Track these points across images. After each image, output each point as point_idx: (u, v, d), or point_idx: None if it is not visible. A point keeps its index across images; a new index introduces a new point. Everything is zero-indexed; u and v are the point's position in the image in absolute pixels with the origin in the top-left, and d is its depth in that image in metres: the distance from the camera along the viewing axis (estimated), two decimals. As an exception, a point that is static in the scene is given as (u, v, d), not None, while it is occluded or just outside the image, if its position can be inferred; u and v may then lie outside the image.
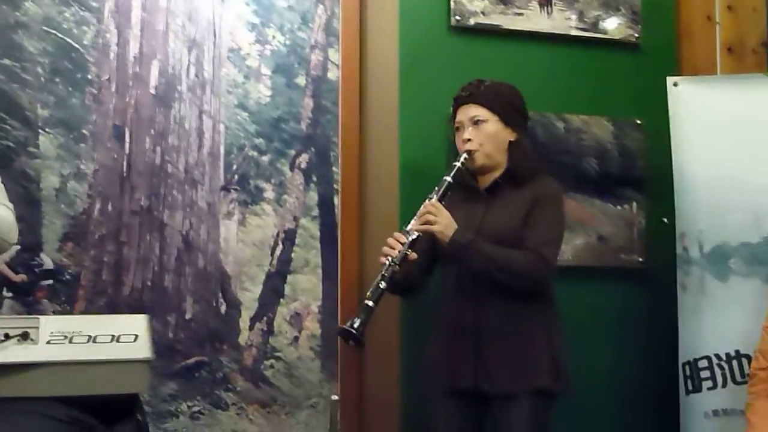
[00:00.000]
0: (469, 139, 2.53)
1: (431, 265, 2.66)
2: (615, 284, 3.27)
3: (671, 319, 3.04)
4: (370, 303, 2.33)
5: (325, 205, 3.11)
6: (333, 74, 3.14)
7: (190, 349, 2.93)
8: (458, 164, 2.51)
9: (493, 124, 2.54)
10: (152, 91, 2.95)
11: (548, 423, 2.49)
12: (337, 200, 3.12)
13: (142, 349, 1.93)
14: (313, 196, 3.11)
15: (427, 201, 2.46)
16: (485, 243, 2.42)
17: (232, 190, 3.00)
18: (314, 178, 3.12)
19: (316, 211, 3.11)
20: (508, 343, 2.46)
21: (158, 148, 2.94)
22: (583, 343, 2.92)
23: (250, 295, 3.00)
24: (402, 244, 2.40)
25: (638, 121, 3.38)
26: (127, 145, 2.91)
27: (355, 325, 2.29)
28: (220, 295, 2.97)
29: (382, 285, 2.36)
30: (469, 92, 2.57)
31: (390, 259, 2.39)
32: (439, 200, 2.45)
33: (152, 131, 2.94)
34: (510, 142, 2.57)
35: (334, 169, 3.13)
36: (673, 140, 3.11)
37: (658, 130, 3.25)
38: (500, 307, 2.47)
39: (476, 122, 2.54)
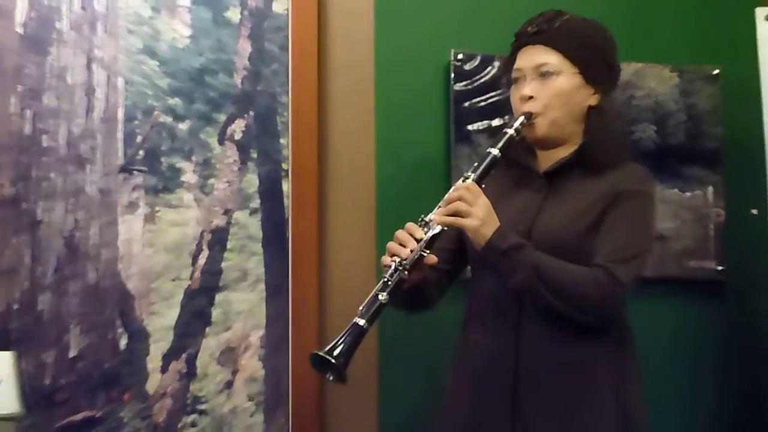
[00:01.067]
0: (530, 97, 2.39)
1: (455, 270, 2.59)
2: (682, 301, 3.22)
3: (761, 347, 3.10)
4: (362, 322, 2.18)
5: (270, 192, 2.97)
6: (280, 5, 2.99)
7: (77, 399, 2.72)
8: (510, 131, 2.36)
9: (568, 79, 2.40)
10: (18, 29, 2.72)
11: None
12: (286, 185, 2.96)
13: (7, 401, 1.98)
14: (253, 180, 2.95)
15: (460, 181, 2.32)
16: (537, 251, 2.28)
17: (135, 172, 2.82)
18: (254, 155, 2.96)
19: (256, 201, 2.94)
20: (561, 396, 2.32)
21: (27, 113, 2.70)
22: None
23: (162, 322, 2.81)
24: (417, 240, 2.28)
25: (714, 71, 3.31)
26: None
27: (336, 352, 2.14)
28: (118, 322, 2.77)
29: (382, 297, 2.21)
30: (537, 28, 2.44)
31: (398, 261, 2.25)
32: (478, 182, 2.32)
33: (19, 88, 2.72)
34: (590, 107, 2.43)
35: (281, 141, 2.96)
36: (764, 96, 3.04)
37: (742, 83, 3.21)
38: (552, 342, 2.33)
39: (543, 74, 2.41)
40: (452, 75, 3.04)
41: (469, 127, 3.03)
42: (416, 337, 2.90)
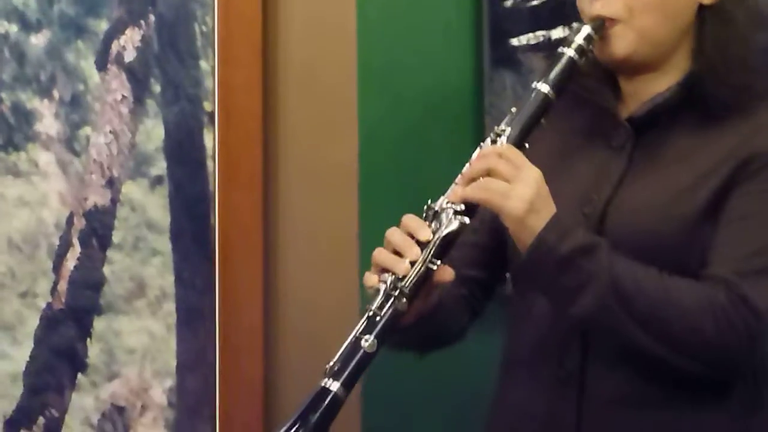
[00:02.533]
0: None
1: (492, 278, 2.29)
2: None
3: None
4: (336, 386, 1.83)
5: (183, 150, 2.62)
6: None
7: None
8: (570, 52, 2.04)
9: None
10: None
11: None
12: (210, 139, 2.61)
13: None
14: (155, 130, 2.60)
15: (488, 141, 2.02)
16: (617, 256, 1.97)
17: None
18: (156, 88, 2.61)
19: (160, 166, 2.60)
20: None
21: None
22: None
23: (2, 367, 2.54)
24: (422, 244, 1.93)
25: None
26: None
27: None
28: None
29: (367, 344, 1.87)
30: None
31: (390, 282, 1.90)
32: (519, 143, 2.01)
33: None
34: (701, 7, 2.10)
35: (202, 64, 2.59)
36: None
37: None
38: (633, 408, 2.05)
39: None
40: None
41: (514, 41, 2.61)
42: (412, 387, 2.59)
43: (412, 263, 1.89)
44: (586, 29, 2.01)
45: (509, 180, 1.91)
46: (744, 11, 2.09)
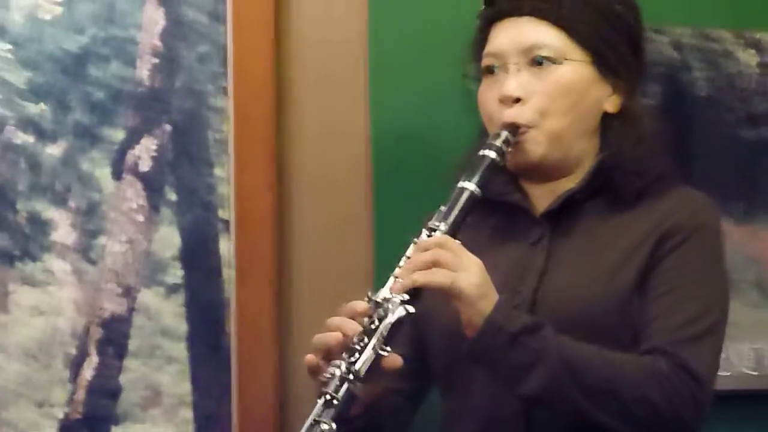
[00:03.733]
0: (517, 99, 2.16)
1: (419, 392, 2.35)
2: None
3: None
4: None
5: (199, 257, 2.63)
6: None
7: None
8: (491, 154, 2.14)
9: (574, 70, 2.20)
10: None
11: None
12: (225, 245, 2.63)
13: None
14: (170, 238, 2.60)
15: (423, 236, 2.08)
16: (560, 335, 2.04)
17: None
18: (171, 196, 2.62)
19: (176, 273, 2.59)
20: None
21: None
22: None
23: None
24: (368, 331, 1.98)
25: None
26: None
27: None
28: None
29: (326, 427, 1.92)
30: None
31: (345, 366, 1.97)
32: (452, 235, 2.07)
33: None
34: (607, 115, 2.25)
35: (217, 172, 2.63)
36: None
37: None
38: None
39: (538, 61, 2.20)
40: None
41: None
42: None
43: (362, 346, 1.95)
44: (504, 134, 2.10)
45: (454, 269, 1.97)
46: (645, 110, 2.27)
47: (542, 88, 2.16)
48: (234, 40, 2.65)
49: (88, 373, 2.50)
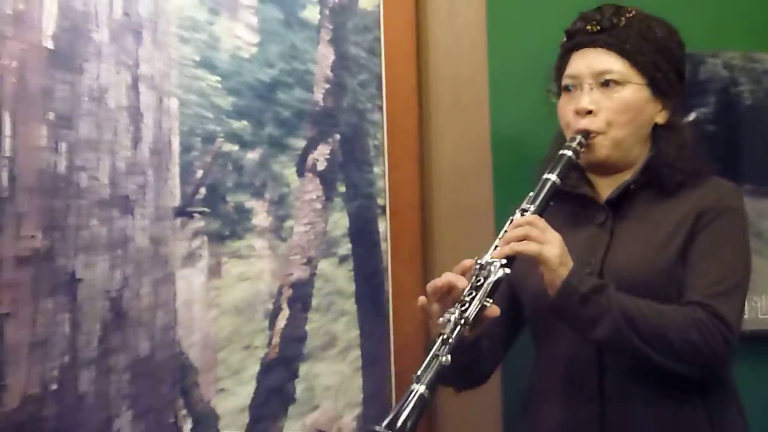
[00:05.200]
0: (589, 111, 2.41)
1: (510, 336, 2.62)
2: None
3: None
4: (421, 389, 2.09)
5: (363, 234, 2.98)
6: (369, 1, 3.00)
7: None
8: (569, 153, 2.40)
9: (634, 91, 2.43)
10: (46, 43, 2.51)
11: None
12: (383, 225, 2.99)
13: None
14: (341, 220, 2.95)
15: (517, 215, 2.34)
16: (621, 293, 2.29)
17: (194, 216, 2.74)
18: (341, 188, 2.96)
19: (346, 247, 2.94)
20: None
21: (62, 145, 2.51)
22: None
23: (234, 402, 2.74)
24: (475, 287, 2.23)
25: None
26: (5, 141, 2.47)
27: (398, 425, 2.05)
28: (180, 403, 2.67)
29: (444, 359, 2.14)
30: (599, 26, 2.48)
31: (457, 314, 2.19)
32: (540, 215, 2.34)
33: (50, 115, 2.51)
34: (657, 126, 2.50)
35: (375, 170, 2.98)
36: None
37: None
38: (645, 408, 2.35)
39: (606, 83, 2.44)
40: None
41: None
42: None
43: (471, 300, 2.21)
44: (579, 138, 2.42)
45: (541, 241, 2.26)
46: (685, 128, 2.55)
47: (609, 104, 2.43)
48: (386, 69, 2.97)
49: (281, 323, 2.81)
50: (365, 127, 2.98)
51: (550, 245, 2.27)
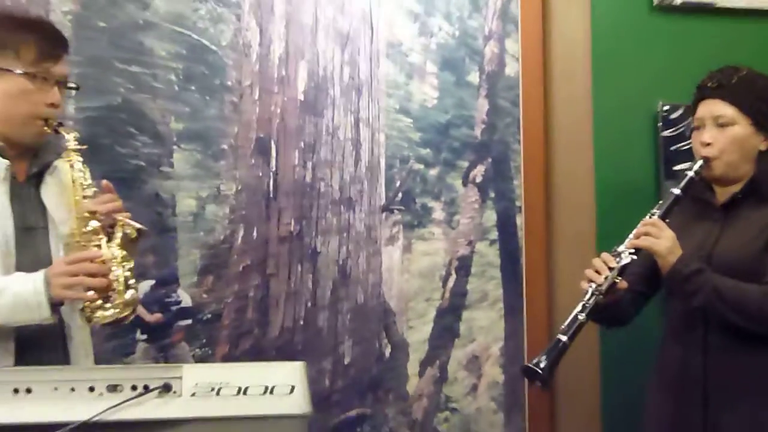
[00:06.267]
0: (708, 144, 2.57)
1: (645, 297, 2.75)
2: None
3: None
4: (564, 338, 2.39)
5: (506, 225, 3.21)
6: (512, 69, 3.22)
7: (350, 400, 3.06)
8: (691, 173, 2.56)
9: (741, 128, 2.57)
10: (300, 96, 3.06)
11: None
12: (519, 220, 3.22)
13: (299, 403, 1.91)
14: (491, 216, 3.21)
15: (647, 217, 2.54)
16: (715, 275, 2.46)
17: (394, 211, 3.13)
18: (492, 194, 3.22)
19: (494, 234, 3.21)
20: (748, 398, 2.50)
21: (308, 164, 3.05)
22: None
23: (418, 336, 3.12)
24: (610, 269, 2.47)
25: None
26: (273, 161, 3.02)
27: (542, 365, 2.35)
28: (383, 335, 3.10)
29: (582, 317, 2.43)
30: (717, 83, 2.59)
31: (594, 286, 2.46)
32: (663, 218, 2.52)
33: (301, 144, 3.05)
34: (760, 151, 2.61)
35: (515, 182, 3.22)
36: None
37: None
38: (736, 353, 2.51)
39: (720, 123, 2.57)
40: (660, 123, 3.20)
41: (676, 168, 3.13)
42: (635, 348, 2.97)
43: (606, 278, 2.44)
44: (700, 162, 2.57)
45: (657, 237, 2.47)
46: None
47: (723, 139, 2.55)
48: (523, 116, 3.18)
49: (450, 284, 3.15)
50: (509, 154, 3.17)
51: (662, 240, 2.44)
